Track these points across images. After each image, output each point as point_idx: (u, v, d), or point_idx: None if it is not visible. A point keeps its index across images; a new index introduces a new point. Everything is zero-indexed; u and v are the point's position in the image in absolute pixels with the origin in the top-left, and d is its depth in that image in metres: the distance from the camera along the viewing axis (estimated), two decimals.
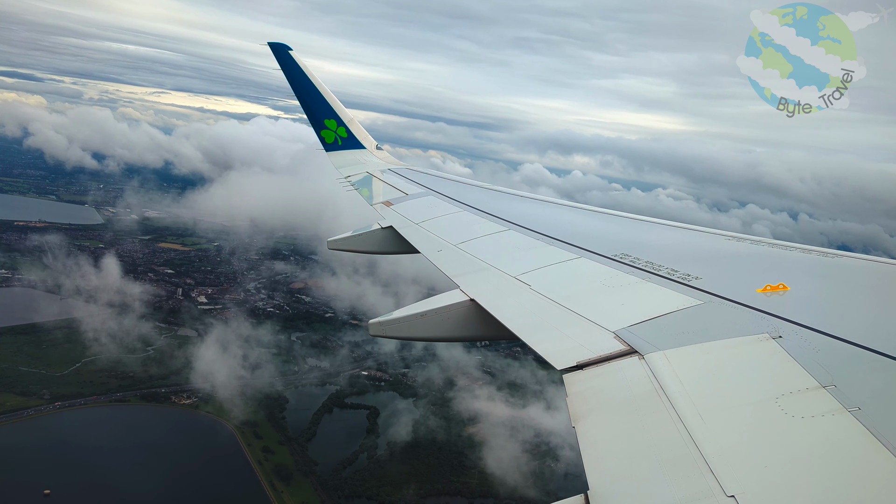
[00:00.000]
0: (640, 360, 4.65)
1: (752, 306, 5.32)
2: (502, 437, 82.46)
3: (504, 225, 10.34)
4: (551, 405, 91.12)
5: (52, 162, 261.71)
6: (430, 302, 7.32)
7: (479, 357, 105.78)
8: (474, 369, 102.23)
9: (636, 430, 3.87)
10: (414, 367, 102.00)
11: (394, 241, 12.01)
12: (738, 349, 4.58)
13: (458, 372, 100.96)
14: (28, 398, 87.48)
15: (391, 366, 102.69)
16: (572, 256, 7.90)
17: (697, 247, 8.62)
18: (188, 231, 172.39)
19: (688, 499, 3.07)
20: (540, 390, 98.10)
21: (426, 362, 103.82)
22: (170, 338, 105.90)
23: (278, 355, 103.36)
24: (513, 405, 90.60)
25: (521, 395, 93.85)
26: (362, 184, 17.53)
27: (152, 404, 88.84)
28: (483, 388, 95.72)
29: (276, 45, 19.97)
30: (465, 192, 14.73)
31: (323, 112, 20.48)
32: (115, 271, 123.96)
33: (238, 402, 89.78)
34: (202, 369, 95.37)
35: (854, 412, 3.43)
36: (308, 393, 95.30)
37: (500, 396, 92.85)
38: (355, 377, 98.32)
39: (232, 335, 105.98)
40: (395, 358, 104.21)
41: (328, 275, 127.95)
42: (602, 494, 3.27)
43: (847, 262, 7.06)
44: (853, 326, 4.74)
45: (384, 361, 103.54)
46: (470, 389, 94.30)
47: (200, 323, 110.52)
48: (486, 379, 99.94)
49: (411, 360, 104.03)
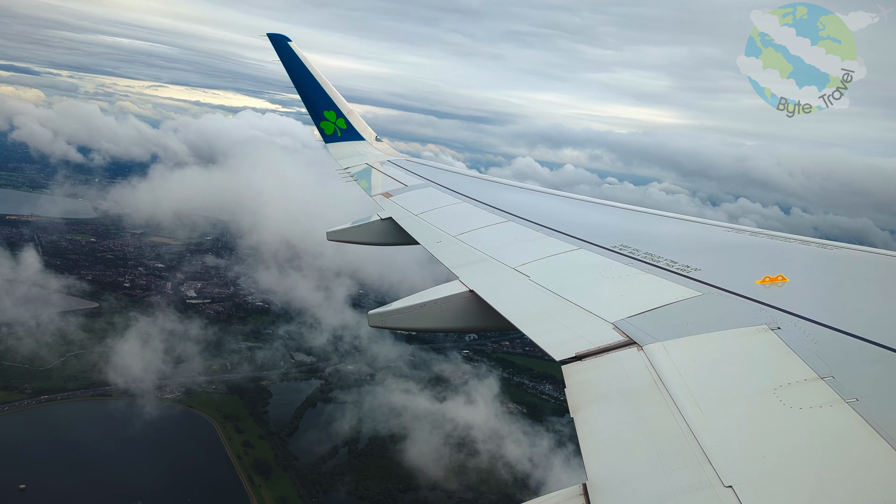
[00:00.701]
0: (638, 352, 4.66)
1: (750, 298, 5.32)
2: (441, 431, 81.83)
3: (503, 216, 10.34)
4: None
5: (37, 156, 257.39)
6: (429, 293, 7.33)
7: (466, 351, 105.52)
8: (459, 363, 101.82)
9: (635, 421, 3.89)
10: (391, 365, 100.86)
11: (393, 232, 12.01)
12: (736, 340, 4.59)
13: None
14: (10, 392, 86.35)
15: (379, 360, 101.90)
16: (571, 248, 7.90)
17: (696, 238, 8.62)
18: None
19: (686, 489, 3.09)
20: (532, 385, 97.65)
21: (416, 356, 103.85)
22: (156, 331, 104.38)
23: (261, 350, 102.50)
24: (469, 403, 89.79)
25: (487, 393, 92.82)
26: (362, 175, 17.51)
27: (134, 399, 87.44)
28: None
29: (276, 36, 19.91)
30: (464, 183, 14.72)
31: (322, 103, 20.43)
32: (100, 265, 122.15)
33: (221, 396, 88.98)
34: (185, 364, 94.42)
35: (852, 403, 3.44)
36: (293, 388, 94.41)
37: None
38: (342, 372, 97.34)
39: (217, 329, 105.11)
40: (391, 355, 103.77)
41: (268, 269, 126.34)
42: (600, 485, 3.28)
43: (846, 253, 7.07)
44: (852, 318, 4.75)
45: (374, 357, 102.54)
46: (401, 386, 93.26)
47: (186, 317, 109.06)
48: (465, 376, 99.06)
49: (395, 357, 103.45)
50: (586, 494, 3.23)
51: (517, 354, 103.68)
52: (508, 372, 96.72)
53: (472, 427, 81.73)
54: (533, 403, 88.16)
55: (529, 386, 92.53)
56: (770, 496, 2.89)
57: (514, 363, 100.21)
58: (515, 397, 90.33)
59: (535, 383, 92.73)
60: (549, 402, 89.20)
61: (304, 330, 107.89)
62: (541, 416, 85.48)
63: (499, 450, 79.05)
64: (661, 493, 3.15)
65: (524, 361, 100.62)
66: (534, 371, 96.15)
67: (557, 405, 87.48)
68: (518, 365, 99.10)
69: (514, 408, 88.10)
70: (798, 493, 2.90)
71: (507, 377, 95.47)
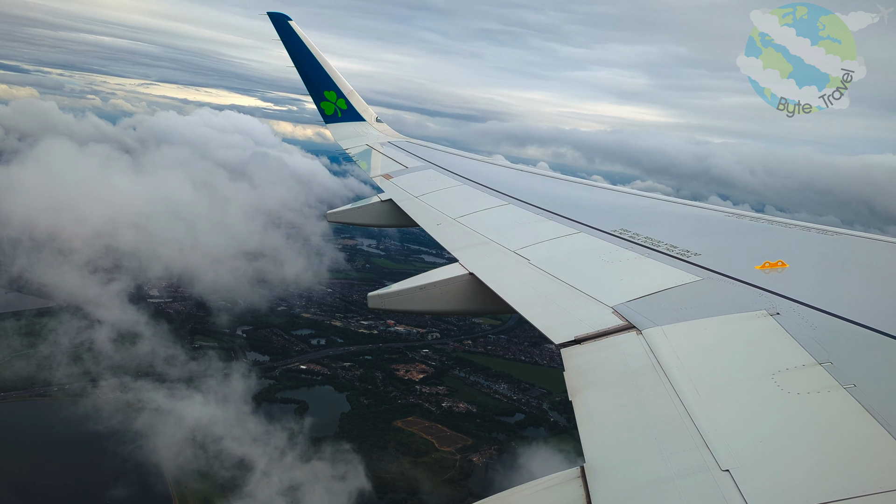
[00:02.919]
0: (637, 336, 4.67)
1: (750, 283, 5.33)
2: None
3: (504, 199, 10.32)
4: None
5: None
6: (429, 275, 7.35)
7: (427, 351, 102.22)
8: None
9: (633, 405, 3.91)
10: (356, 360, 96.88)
11: (393, 214, 12.00)
12: (735, 325, 4.60)
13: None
14: None
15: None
16: (572, 231, 7.90)
17: (696, 223, 8.62)
18: None
19: (683, 472, 3.11)
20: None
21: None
22: (115, 331, 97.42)
23: (218, 349, 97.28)
24: None
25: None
26: (362, 156, 17.46)
27: (74, 398, 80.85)
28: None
29: (276, 14, 19.75)
30: (465, 165, 14.68)
31: (323, 83, 20.32)
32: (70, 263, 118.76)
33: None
34: (135, 362, 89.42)
35: (850, 389, 3.46)
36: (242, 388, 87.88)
37: None
38: (293, 371, 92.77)
39: (176, 328, 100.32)
40: None
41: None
42: (598, 467, 3.31)
43: (846, 239, 7.07)
44: (851, 304, 4.76)
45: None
46: None
47: (150, 317, 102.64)
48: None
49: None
50: (584, 477, 3.25)
51: (477, 353, 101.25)
52: (465, 371, 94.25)
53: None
54: (484, 402, 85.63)
55: (484, 385, 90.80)
56: (767, 480, 2.91)
57: (472, 362, 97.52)
58: (468, 397, 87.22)
59: (489, 382, 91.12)
60: (500, 402, 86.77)
61: None
62: (490, 416, 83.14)
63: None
64: (658, 476, 3.17)
65: (483, 360, 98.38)
66: (491, 370, 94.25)
67: (508, 405, 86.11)
68: (476, 363, 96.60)
69: (465, 408, 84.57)
70: (795, 478, 2.92)
71: (464, 376, 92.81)
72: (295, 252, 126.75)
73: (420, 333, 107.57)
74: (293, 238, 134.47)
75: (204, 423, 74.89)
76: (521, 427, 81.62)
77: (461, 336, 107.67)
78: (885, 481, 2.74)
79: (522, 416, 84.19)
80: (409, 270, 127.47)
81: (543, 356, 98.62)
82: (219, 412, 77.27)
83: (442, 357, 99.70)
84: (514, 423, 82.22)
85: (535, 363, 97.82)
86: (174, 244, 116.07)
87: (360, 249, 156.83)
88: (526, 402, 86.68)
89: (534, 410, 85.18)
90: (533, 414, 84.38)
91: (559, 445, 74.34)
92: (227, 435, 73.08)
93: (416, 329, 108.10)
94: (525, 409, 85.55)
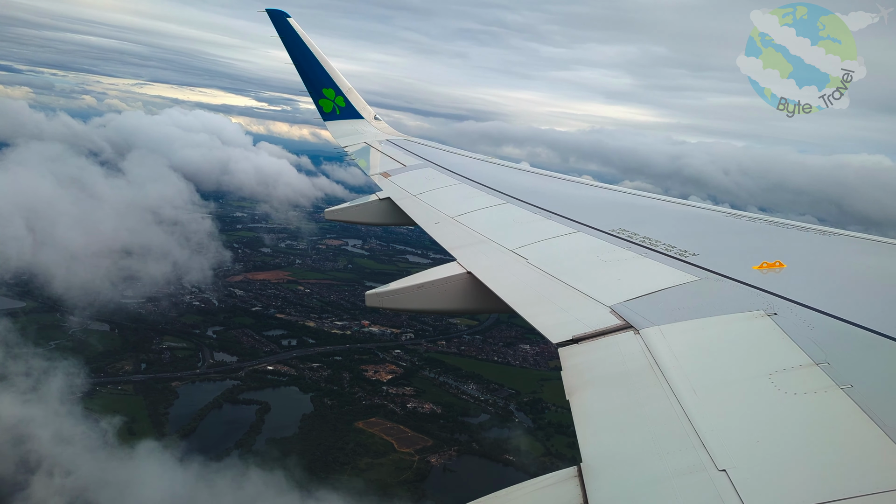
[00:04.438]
0: (635, 335, 4.67)
1: (748, 283, 5.33)
2: None
3: (502, 198, 10.32)
4: None
5: None
6: (427, 274, 7.34)
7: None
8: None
9: (630, 404, 3.91)
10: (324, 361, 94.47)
11: (391, 212, 12.00)
12: (732, 325, 4.60)
13: None
14: None
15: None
16: (570, 231, 7.90)
17: (694, 223, 8.62)
18: None
19: (680, 472, 3.11)
20: None
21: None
22: (79, 331, 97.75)
23: (185, 349, 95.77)
24: None
25: None
26: (360, 154, 17.45)
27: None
28: None
29: (274, 11, 19.72)
30: (463, 164, 14.67)
31: (321, 81, 20.31)
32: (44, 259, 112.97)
33: (124, 397, 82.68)
34: (98, 363, 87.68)
35: (847, 390, 3.46)
36: (205, 388, 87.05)
37: None
38: (259, 372, 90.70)
39: (144, 328, 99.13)
40: None
41: None
42: (595, 467, 3.31)
43: (844, 240, 7.08)
44: (848, 304, 4.76)
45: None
46: None
47: (118, 316, 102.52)
48: None
49: None
50: (581, 476, 3.25)
51: (450, 354, 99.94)
52: (435, 371, 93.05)
53: None
54: (450, 403, 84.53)
55: (452, 386, 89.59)
56: (763, 480, 2.91)
57: (443, 362, 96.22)
58: (435, 397, 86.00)
59: (458, 383, 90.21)
60: (467, 402, 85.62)
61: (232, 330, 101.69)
62: (454, 417, 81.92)
63: None
64: (655, 475, 3.17)
65: (455, 361, 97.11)
66: (462, 371, 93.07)
67: (475, 405, 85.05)
68: (447, 364, 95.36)
69: (430, 409, 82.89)
70: (791, 478, 2.92)
71: (433, 377, 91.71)
72: (169, 249, 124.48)
73: (394, 334, 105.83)
74: (172, 235, 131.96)
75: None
76: (485, 428, 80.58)
77: (436, 336, 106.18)
78: (882, 482, 2.74)
79: (488, 416, 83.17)
80: (391, 271, 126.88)
81: (517, 356, 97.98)
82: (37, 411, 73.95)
83: (414, 358, 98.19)
84: (477, 424, 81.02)
85: (508, 363, 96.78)
86: (25, 241, 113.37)
87: (345, 250, 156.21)
88: (493, 403, 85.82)
89: (500, 411, 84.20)
90: (498, 415, 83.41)
91: (524, 445, 74.48)
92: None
93: (391, 329, 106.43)
94: (491, 409, 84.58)
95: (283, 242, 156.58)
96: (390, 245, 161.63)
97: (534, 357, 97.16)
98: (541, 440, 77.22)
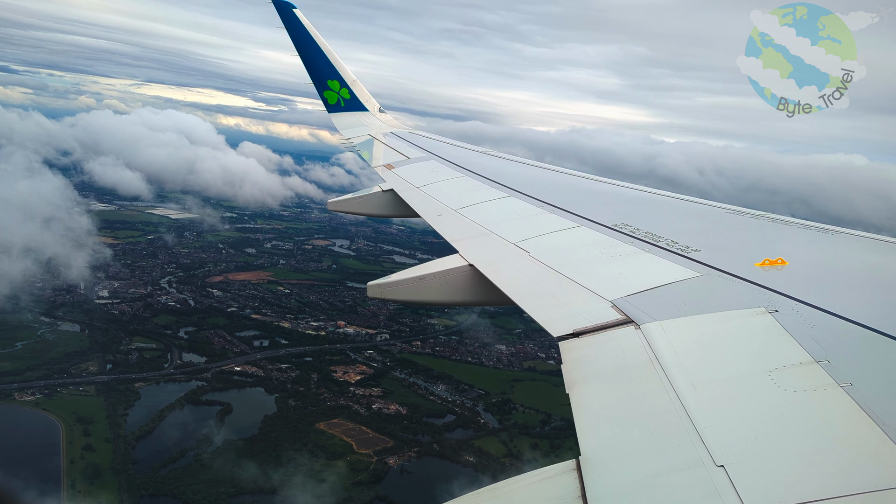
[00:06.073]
0: (636, 330, 4.68)
1: (749, 280, 5.34)
2: None
3: (505, 191, 10.31)
4: None
5: None
6: (429, 266, 7.35)
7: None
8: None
9: (629, 399, 3.92)
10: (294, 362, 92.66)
11: (394, 204, 12.00)
12: (733, 322, 4.61)
13: None
14: None
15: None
16: (572, 225, 7.90)
17: (697, 219, 8.61)
18: None
19: (678, 467, 3.12)
20: None
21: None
22: (49, 332, 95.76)
23: (154, 350, 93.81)
24: None
25: None
26: (364, 146, 17.43)
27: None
28: None
29: (281, 2, 19.64)
30: (467, 157, 14.66)
31: (326, 72, 20.26)
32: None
33: (85, 398, 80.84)
34: (63, 366, 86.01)
35: (846, 388, 3.47)
36: (169, 389, 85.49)
37: None
38: (226, 373, 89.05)
39: (114, 329, 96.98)
40: None
41: None
42: (593, 460, 3.31)
43: (846, 238, 7.06)
44: (849, 303, 4.76)
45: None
46: None
47: (91, 317, 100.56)
48: None
49: None
50: (579, 469, 3.26)
51: (423, 354, 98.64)
52: (406, 372, 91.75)
53: None
54: (416, 404, 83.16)
55: (422, 386, 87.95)
56: (762, 477, 2.92)
57: (415, 363, 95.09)
58: (402, 398, 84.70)
59: (428, 384, 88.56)
60: (434, 403, 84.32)
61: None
62: (418, 418, 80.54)
63: None
64: (653, 470, 3.18)
65: (428, 361, 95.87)
66: (433, 371, 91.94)
67: (441, 406, 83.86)
68: (419, 365, 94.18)
69: (395, 410, 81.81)
70: (789, 475, 2.93)
71: (403, 377, 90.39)
72: (39, 246, 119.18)
73: (369, 335, 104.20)
74: (47, 232, 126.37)
75: None
76: (449, 429, 79.34)
77: (412, 337, 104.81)
78: (880, 480, 2.75)
79: (454, 417, 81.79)
80: (375, 272, 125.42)
81: (491, 357, 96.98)
82: None
83: (386, 358, 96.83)
84: (441, 425, 79.80)
85: (481, 364, 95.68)
86: None
87: (331, 250, 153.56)
88: (460, 404, 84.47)
89: (466, 412, 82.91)
90: (465, 416, 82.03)
91: (487, 446, 73.16)
92: None
93: (366, 330, 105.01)
94: (458, 410, 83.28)
95: (269, 243, 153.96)
96: (378, 245, 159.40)
97: (508, 358, 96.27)
98: (504, 441, 75.79)
